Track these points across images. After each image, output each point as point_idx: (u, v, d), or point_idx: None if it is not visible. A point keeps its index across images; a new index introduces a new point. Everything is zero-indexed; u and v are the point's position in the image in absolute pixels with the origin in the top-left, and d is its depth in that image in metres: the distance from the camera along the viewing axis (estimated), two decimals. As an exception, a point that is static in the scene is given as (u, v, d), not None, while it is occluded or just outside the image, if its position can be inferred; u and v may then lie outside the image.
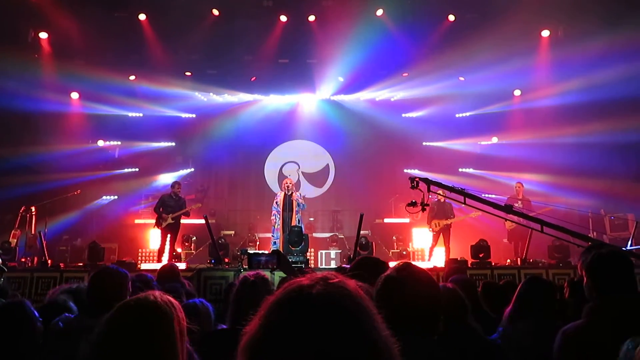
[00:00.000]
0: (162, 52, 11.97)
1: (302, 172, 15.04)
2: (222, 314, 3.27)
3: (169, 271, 4.62)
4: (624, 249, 5.78)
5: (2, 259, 6.98)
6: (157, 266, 7.14)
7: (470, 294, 2.89)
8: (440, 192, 8.06)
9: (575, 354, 1.94)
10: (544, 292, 2.83)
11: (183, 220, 10.16)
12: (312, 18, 11.62)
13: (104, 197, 13.48)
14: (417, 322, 1.70)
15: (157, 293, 1.56)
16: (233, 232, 12.97)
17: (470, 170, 13.90)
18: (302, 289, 0.96)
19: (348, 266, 3.41)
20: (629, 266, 2.16)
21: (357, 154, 14.56)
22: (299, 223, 10.09)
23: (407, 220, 12.08)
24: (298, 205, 10.18)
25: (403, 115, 14.61)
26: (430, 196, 9.09)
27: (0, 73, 9.96)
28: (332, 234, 12.66)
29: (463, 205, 6.41)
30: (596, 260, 2.14)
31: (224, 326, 2.78)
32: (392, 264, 2.48)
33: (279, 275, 6.95)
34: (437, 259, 9.82)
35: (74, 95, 12.85)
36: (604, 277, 2.10)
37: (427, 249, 10.57)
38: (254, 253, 7.90)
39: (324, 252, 11.66)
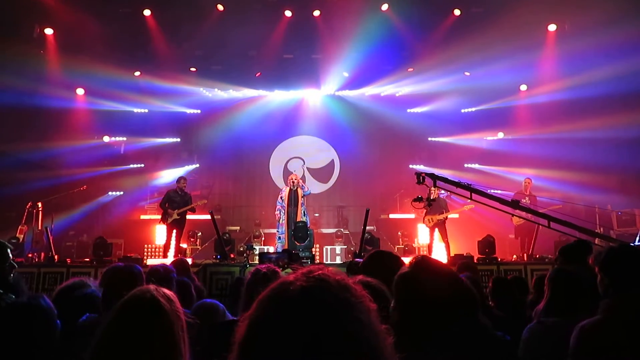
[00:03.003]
0: (166, 48, 11.96)
1: (307, 168, 15.03)
2: (229, 308, 3.30)
3: (180, 266, 4.67)
4: (631, 244, 5.75)
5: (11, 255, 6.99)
6: (163, 262, 7.16)
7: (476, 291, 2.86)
8: (433, 187, 8.00)
9: (592, 350, 1.92)
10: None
11: (189, 216, 10.19)
12: (317, 13, 11.57)
13: (110, 193, 13.53)
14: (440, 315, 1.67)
15: (152, 287, 1.55)
16: (238, 227, 12.99)
17: (476, 166, 13.86)
18: (283, 285, 0.97)
19: (360, 260, 3.41)
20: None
21: (363, 149, 14.52)
22: (304, 217, 10.08)
23: (412, 215, 12.06)
24: (304, 191, 10.15)
25: (408, 110, 14.57)
26: (434, 192, 9.14)
27: (6, 69, 9.98)
28: (337, 229, 12.66)
29: (461, 199, 6.39)
30: (610, 256, 2.11)
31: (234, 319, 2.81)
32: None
33: (286, 272, 6.96)
34: (438, 256, 9.78)
35: (80, 91, 12.89)
36: (620, 273, 2.07)
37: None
38: (265, 252, 7.90)
39: (329, 247, 11.66)
